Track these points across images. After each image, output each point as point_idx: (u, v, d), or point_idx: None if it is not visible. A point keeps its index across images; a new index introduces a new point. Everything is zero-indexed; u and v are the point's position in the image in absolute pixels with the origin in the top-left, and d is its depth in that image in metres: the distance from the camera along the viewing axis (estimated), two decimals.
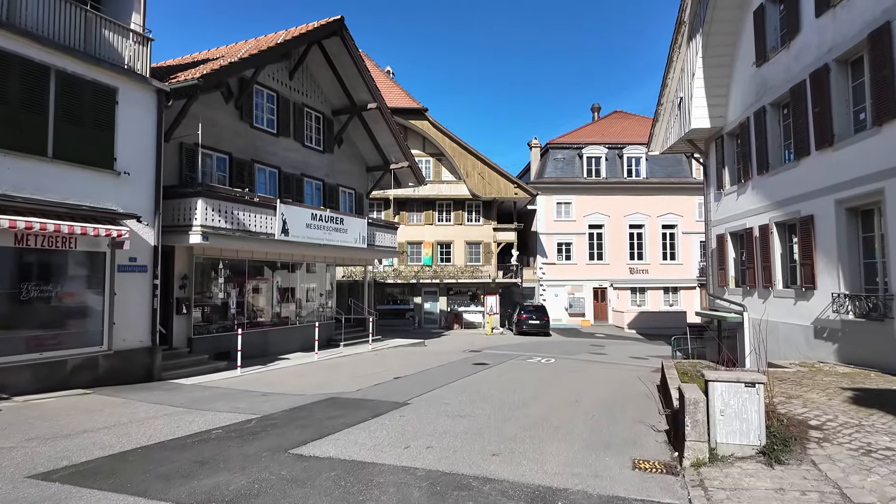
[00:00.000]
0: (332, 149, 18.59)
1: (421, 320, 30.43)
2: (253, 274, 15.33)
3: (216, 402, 9.12)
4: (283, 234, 14.02)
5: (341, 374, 12.67)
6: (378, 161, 20.32)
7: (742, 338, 15.91)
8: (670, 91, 18.62)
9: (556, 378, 12.86)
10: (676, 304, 34.10)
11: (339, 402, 9.14)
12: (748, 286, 15.34)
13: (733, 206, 16.34)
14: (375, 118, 18.79)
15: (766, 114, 14.11)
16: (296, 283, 17.10)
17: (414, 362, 15.11)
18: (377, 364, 14.57)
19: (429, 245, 30.57)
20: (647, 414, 8.60)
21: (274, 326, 15.77)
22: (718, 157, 17.40)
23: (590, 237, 34.07)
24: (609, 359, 18.44)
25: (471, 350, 19.44)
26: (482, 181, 29.39)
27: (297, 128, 16.97)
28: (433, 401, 9.34)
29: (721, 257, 17.19)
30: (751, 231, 15.01)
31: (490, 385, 11.33)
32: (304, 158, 17.23)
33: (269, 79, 15.88)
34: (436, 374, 12.92)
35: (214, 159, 14.09)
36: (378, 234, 18.56)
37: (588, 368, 15.30)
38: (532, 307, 27.97)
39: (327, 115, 18.33)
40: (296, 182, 16.76)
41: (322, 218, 15.45)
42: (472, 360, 16.11)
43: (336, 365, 14.16)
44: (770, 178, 14.02)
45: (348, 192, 19.58)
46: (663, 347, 23.46)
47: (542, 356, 17.93)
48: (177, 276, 12.86)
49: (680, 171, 34.76)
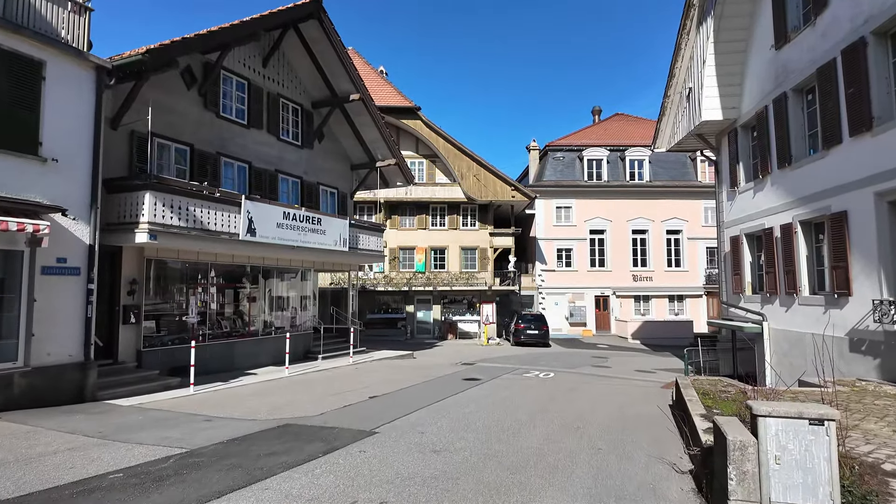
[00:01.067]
0: (312, 144, 17.15)
1: (413, 330, 28.85)
2: (218, 279, 13.82)
3: (145, 430, 7.58)
4: (248, 234, 12.54)
5: (310, 392, 11.12)
6: (363, 158, 18.88)
7: (761, 350, 14.36)
8: (678, 81, 17.21)
9: (555, 397, 11.31)
10: (682, 314, 32.51)
11: (292, 431, 7.59)
12: (768, 293, 13.81)
13: (749, 204, 14.86)
14: (359, 110, 17.36)
15: (788, 100, 12.68)
16: (270, 289, 15.59)
17: (397, 378, 13.56)
18: (354, 380, 13.01)
19: (422, 250, 29.07)
20: (664, 445, 7.05)
21: (242, 337, 14.22)
22: (732, 152, 15.94)
23: (591, 243, 32.56)
24: (613, 372, 16.89)
25: (463, 363, 17.89)
26: (478, 183, 27.96)
27: (272, 120, 15.54)
28: (407, 429, 7.79)
29: (736, 261, 15.68)
30: (770, 231, 13.51)
31: (478, 406, 9.78)
32: (278, 153, 15.79)
33: (238, 65, 14.47)
34: (418, 393, 11.37)
35: (173, 150, 12.64)
36: (362, 237, 17.08)
37: (591, 385, 13.74)
38: (530, 316, 26.41)
39: (306, 106, 16.91)
40: (269, 178, 15.30)
41: (296, 217, 13.97)
42: (462, 375, 14.56)
43: (307, 382, 12.61)
44: (793, 171, 12.55)
45: (330, 191, 18.11)
46: (670, 359, 21.91)
47: (540, 370, 16.37)
48: (124, 281, 11.35)
49: (685, 173, 33.33)
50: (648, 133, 36.51)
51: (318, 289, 21.94)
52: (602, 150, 32.87)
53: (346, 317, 18.76)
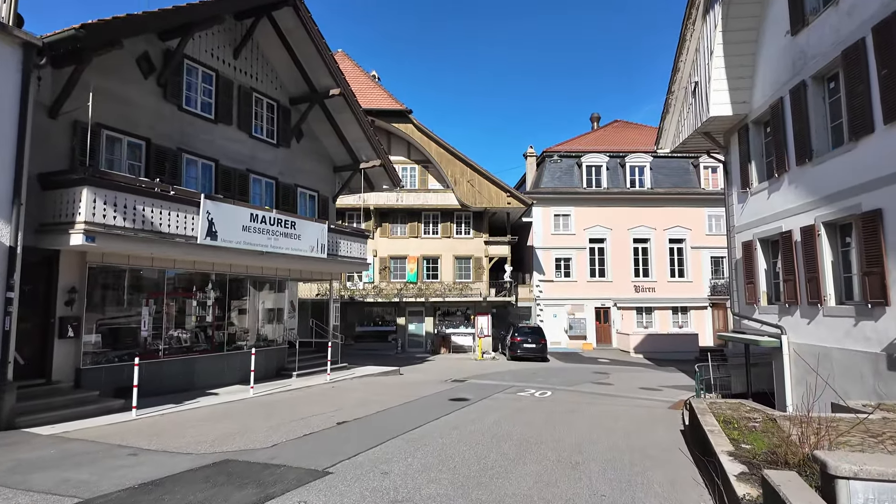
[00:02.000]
0: (289, 143, 15.90)
1: (405, 343, 27.43)
2: (177, 288, 12.48)
3: (47, 469, 6.20)
4: (208, 238, 11.22)
5: (271, 417, 9.74)
6: (347, 160, 17.63)
7: (780, 367, 12.99)
8: (683, 76, 16.03)
9: (551, 421, 9.93)
10: (686, 326, 31.11)
11: (228, 470, 6.22)
12: (786, 303, 12.48)
13: (763, 206, 13.59)
14: (340, 107, 16.14)
15: (807, 89, 11.46)
16: (238, 300, 14.24)
17: (376, 398, 12.18)
18: (327, 402, 11.62)
19: (414, 260, 27.75)
20: (684, 493, 5.68)
21: (204, 353, 12.84)
22: (742, 150, 14.71)
23: (591, 252, 31.25)
24: (616, 390, 15.50)
25: (454, 380, 16.51)
26: (472, 189, 26.73)
27: (243, 115, 14.31)
28: (368, 467, 6.42)
29: (749, 269, 14.37)
30: (789, 235, 12.22)
31: (461, 435, 8.40)
32: (250, 151, 14.53)
33: (205, 55, 13.28)
34: (395, 417, 9.99)
35: (125, 144, 11.37)
36: (343, 243, 15.76)
37: (591, 405, 12.36)
38: (527, 329, 25.00)
39: (283, 102, 15.69)
40: (239, 178, 14.02)
41: (265, 220, 12.67)
42: (450, 395, 13.18)
43: (271, 404, 11.21)
44: (814, 168, 11.30)
45: (310, 194, 16.82)
46: (675, 375, 20.52)
47: (536, 388, 14.98)
48: (62, 290, 10.01)
49: (687, 180, 32.14)
50: (649, 139, 35.42)
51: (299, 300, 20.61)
52: (601, 156, 31.72)
53: (326, 330, 17.37)
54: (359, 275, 27.31)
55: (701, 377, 13.54)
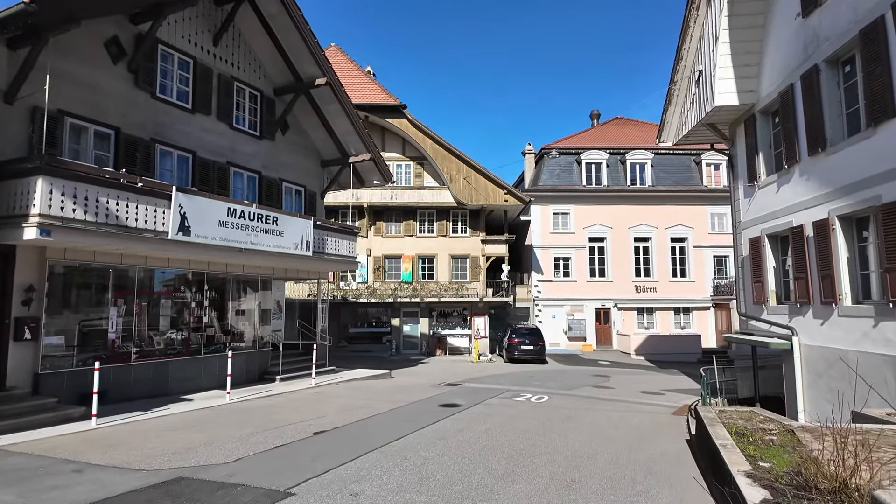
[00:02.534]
0: (273, 135, 15.17)
1: (399, 345, 26.67)
2: (150, 287, 11.75)
3: None
4: (180, 233, 10.49)
5: (242, 426, 9.00)
6: (335, 153, 16.89)
7: (791, 371, 12.24)
8: (686, 65, 15.31)
9: (547, 429, 9.19)
10: (689, 327, 30.36)
11: (177, 491, 5.49)
12: (798, 302, 11.73)
13: (772, 200, 12.85)
14: (327, 98, 15.41)
15: (820, 74, 10.73)
16: (217, 300, 13.50)
17: (361, 404, 11.45)
18: (307, 409, 10.89)
19: (409, 259, 27.01)
20: None
21: (178, 356, 12.10)
22: (749, 142, 13.97)
23: (590, 251, 30.50)
24: (616, 394, 14.76)
25: (447, 383, 15.78)
26: (468, 187, 26.00)
27: (223, 105, 13.59)
28: (336, 487, 5.69)
29: (756, 267, 13.63)
30: (800, 230, 11.48)
31: (447, 447, 7.67)
32: (231, 144, 13.80)
33: (182, 40, 12.56)
34: (377, 426, 9.26)
35: (91, 133, 10.64)
36: (330, 240, 15.03)
37: (591, 411, 11.62)
38: (525, 330, 24.23)
39: (266, 93, 14.97)
40: (218, 171, 13.29)
41: (245, 214, 11.94)
42: (440, 400, 12.45)
43: (247, 411, 10.47)
44: (828, 158, 10.56)
45: (296, 189, 16.09)
46: (678, 378, 19.78)
47: (532, 392, 14.25)
48: (18, 288, 9.28)
49: (689, 178, 31.41)
50: (650, 136, 34.65)
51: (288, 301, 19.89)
52: (601, 152, 30.98)
53: (313, 331, 16.62)
54: (352, 274, 26.59)
55: (707, 381, 12.79)
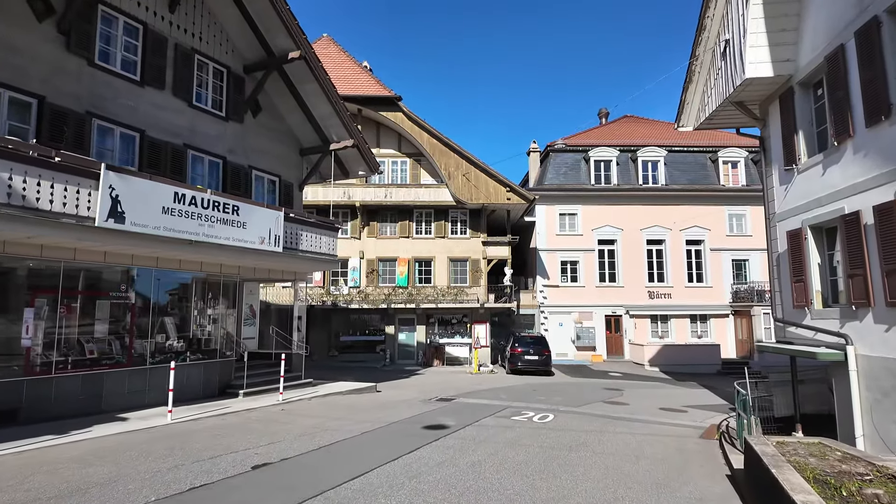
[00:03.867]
0: (242, 117, 13.47)
1: (394, 355, 24.79)
2: (80, 286, 10.00)
3: None
4: (111, 220, 8.76)
5: (168, 456, 7.17)
6: (315, 140, 15.17)
7: (844, 387, 10.24)
8: (710, 35, 13.48)
9: (551, 463, 7.29)
10: (706, 336, 28.25)
11: None
12: (853, 304, 9.78)
13: (816, 185, 10.94)
14: (303, 76, 13.71)
15: (881, 28, 8.86)
16: (169, 301, 11.73)
17: (331, 425, 9.60)
18: (263, 431, 9.05)
19: (404, 262, 25.18)
20: None
21: (118, 367, 10.31)
22: (786, 120, 12.09)
23: (600, 254, 28.55)
24: (631, 411, 12.81)
25: (439, 398, 13.91)
26: (468, 184, 24.20)
27: (181, 80, 11.92)
28: None
29: (797, 264, 11.68)
30: (855, 218, 9.56)
31: (415, 491, 5.80)
32: (190, 124, 12.11)
33: (129, 3, 10.92)
34: (338, 458, 7.40)
35: (6, 101, 8.96)
36: (306, 235, 13.26)
37: (603, 434, 9.69)
38: (529, 339, 22.26)
39: (235, 69, 13.30)
40: (172, 154, 11.59)
41: (197, 201, 10.19)
42: (427, 420, 10.57)
43: (187, 435, 8.64)
44: (893, 126, 8.67)
45: (269, 178, 14.36)
46: (698, 392, 17.78)
47: (535, 409, 12.34)
48: None
49: (705, 176, 29.45)
50: (662, 133, 32.80)
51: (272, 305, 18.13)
52: (611, 149, 29.12)
53: (290, 339, 14.79)
54: (344, 279, 24.83)
55: (741, 398, 10.79)
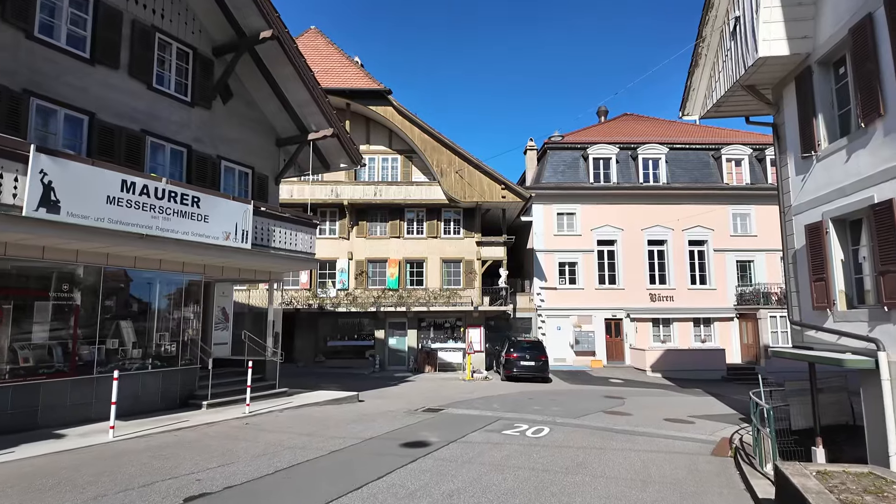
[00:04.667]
0: (210, 102, 12.40)
1: (385, 361, 23.64)
2: (13, 285, 8.89)
3: None
4: (43, 209, 7.68)
5: (94, 483, 6.06)
6: (293, 130, 14.10)
7: (874, 397, 9.13)
8: (717, 13, 12.45)
9: (540, 493, 6.17)
10: (710, 340, 27.15)
11: None
12: (884, 304, 8.68)
13: (839, 173, 9.88)
14: (277, 58, 12.66)
15: None
16: (125, 303, 10.62)
17: (296, 443, 8.49)
18: (218, 450, 7.92)
19: (395, 263, 24.08)
20: None
21: (58, 377, 9.17)
22: (803, 103, 11.04)
23: (599, 255, 27.47)
24: (634, 423, 11.70)
25: (426, 409, 12.82)
26: (461, 181, 23.13)
27: (139, 59, 10.86)
28: None
29: (817, 261, 10.59)
30: (888, 207, 8.48)
31: None
32: (150, 108, 11.04)
33: None
34: (291, 487, 6.28)
35: None
36: (279, 232, 12.17)
37: (605, 452, 8.57)
38: (525, 343, 21.12)
39: (202, 51, 12.24)
40: (127, 140, 10.50)
41: (149, 191, 9.10)
42: (407, 435, 9.45)
43: (124, 455, 7.51)
44: None
45: (241, 170, 13.28)
46: (704, 399, 16.70)
47: (530, 421, 11.23)
48: None
49: (708, 175, 28.42)
50: (663, 131, 31.80)
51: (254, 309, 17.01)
52: (610, 147, 28.08)
53: (264, 345, 13.65)
54: (332, 280, 23.73)
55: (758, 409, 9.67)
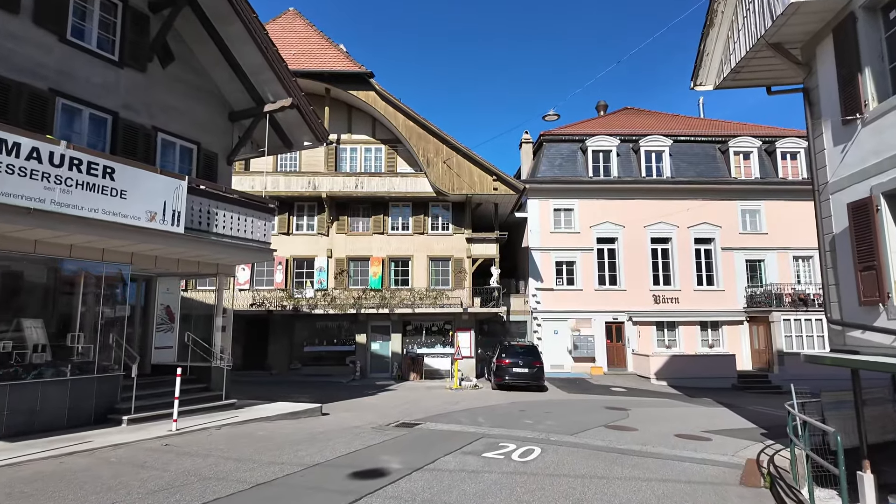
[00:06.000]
0: (145, 65, 10.60)
1: (367, 368, 21.73)
2: None
3: None
4: None
5: None
6: (248, 102, 12.28)
7: None
8: None
9: None
10: (718, 345, 25.29)
11: None
12: None
13: (892, 137, 8.09)
14: (223, 13, 10.85)
15: None
16: (29, 297, 8.77)
17: (215, 473, 6.61)
18: (107, 483, 6.06)
19: (378, 261, 22.23)
20: None
21: None
22: (845, 57, 9.26)
23: (599, 254, 25.64)
24: (642, 440, 9.81)
25: (400, 423, 10.96)
26: (449, 172, 21.34)
27: (48, 6, 9.08)
28: None
29: (865, 246, 8.77)
30: None
31: None
32: (62, 65, 9.24)
33: None
34: None
35: None
36: (224, 215, 10.32)
37: (609, 482, 6.69)
38: (519, 348, 19.24)
39: (134, 4, 10.46)
40: (29, 100, 8.68)
41: (42, 156, 7.29)
42: (361, 462, 7.57)
43: None
44: None
45: (184, 144, 11.44)
46: (717, 410, 14.87)
47: (518, 440, 9.33)
48: None
49: (714, 169, 26.67)
50: (666, 124, 30.04)
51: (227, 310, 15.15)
52: (610, 139, 26.32)
53: (211, 351, 11.76)
54: (310, 280, 21.87)
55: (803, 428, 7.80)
